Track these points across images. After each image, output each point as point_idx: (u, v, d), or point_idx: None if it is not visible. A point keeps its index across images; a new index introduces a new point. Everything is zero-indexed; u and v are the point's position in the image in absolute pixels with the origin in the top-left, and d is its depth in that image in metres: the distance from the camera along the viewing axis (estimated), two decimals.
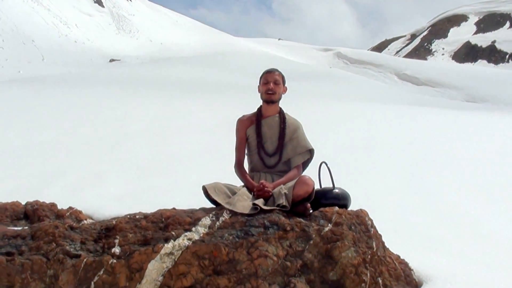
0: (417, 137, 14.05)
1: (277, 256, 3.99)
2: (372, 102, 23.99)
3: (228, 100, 19.28)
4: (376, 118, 17.28)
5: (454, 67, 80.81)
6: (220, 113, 16.29)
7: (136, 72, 32.15)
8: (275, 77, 5.16)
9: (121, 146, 12.25)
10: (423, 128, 15.69)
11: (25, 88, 24.56)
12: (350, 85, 37.16)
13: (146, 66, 38.39)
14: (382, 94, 31.76)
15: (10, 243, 4.12)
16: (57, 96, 20.78)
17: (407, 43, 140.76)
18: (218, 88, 24.72)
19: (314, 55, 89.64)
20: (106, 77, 29.17)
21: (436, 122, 17.54)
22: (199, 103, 18.98)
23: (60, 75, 28.71)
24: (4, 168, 9.99)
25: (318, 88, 28.96)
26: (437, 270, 4.70)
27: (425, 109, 22.37)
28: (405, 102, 26.65)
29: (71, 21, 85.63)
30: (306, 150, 5.17)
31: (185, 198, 6.23)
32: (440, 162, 11.24)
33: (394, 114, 18.82)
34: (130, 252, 3.95)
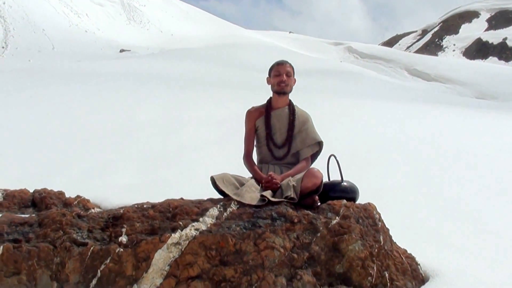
0: (426, 133, 13.99)
1: (284, 248, 3.98)
2: (383, 98, 23.93)
3: (237, 93, 19.24)
4: (386, 114, 17.23)
5: (465, 63, 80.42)
6: (229, 105, 16.28)
7: (146, 64, 32.10)
8: (287, 69, 5.16)
9: (129, 136, 12.26)
10: (433, 125, 15.63)
11: (35, 77, 24.61)
12: (360, 80, 37.06)
13: (156, 58, 38.34)
14: (393, 90, 31.66)
15: (18, 230, 4.13)
16: (66, 86, 20.81)
17: (418, 38, 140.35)
18: (228, 82, 24.69)
19: (325, 49, 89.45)
20: (116, 68, 29.15)
21: (446, 119, 17.48)
22: (207, 96, 18.95)
23: (69, 67, 28.62)
24: (13, 155, 10.02)
25: (328, 84, 28.87)
26: (443, 265, 4.69)
27: (435, 106, 22.31)
28: (416, 98, 26.55)
29: (82, 10, 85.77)
30: (315, 142, 5.17)
31: (193, 189, 6.23)
32: (449, 158, 11.21)
33: (404, 110, 18.75)
34: (137, 241, 3.96)
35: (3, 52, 51.10)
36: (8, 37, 58.22)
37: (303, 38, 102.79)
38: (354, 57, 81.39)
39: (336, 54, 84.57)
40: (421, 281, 4.46)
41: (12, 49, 53.20)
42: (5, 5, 70.36)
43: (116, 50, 62.20)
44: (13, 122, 13.11)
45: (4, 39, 57.42)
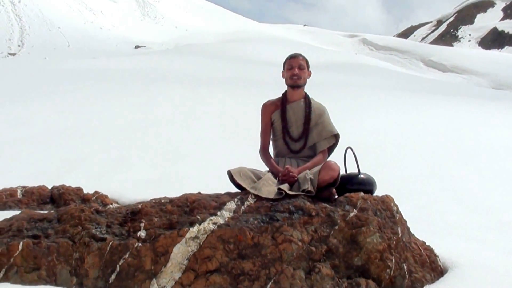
0: (443, 126, 13.94)
1: (302, 241, 3.98)
2: (398, 90, 23.85)
3: (252, 88, 19.24)
4: (403, 107, 17.18)
5: (480, 53, 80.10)
6: (243, 100, 16.29)
7: (161, 61, 32.15)
8: (300, 62, 5.14)
9: (146, 131, 12.31)
10: (450, 117, 15.57)
11: (53, 75, 24.73)
12: (375, 73, 36.93)
13: (171, 55, 38.37)
14: (409, 82, 31.51)
15: (37, 226, 4.15)
16: (82, 83, 20.90)
17: (433, 29, 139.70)
18: (242, 77, 24.67)
19: (340, 41, 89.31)
20: (132, 65, 29.23)
21: (463, 111, 17.40)
22: (222, 91, 18.98)
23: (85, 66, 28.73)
24: (31, 152, 10.09)
25: (343, 77, 28.78)
26: (462, 257, 4.68)
27: (452, 98, 22.20)
28: (432, 90, 26.43)
29: (97, 7, 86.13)
30: (332, 135, 5.15)
31: (210, 183, 6.25)
32: (465, 150, 11.17)
33: (420, 103, 18.69)
34: (156, 235, 3.97)
35: (19, 50, 51.43)
36: (24, 36, 58.58)
37: (317, 31, 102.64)
38: (369, 49, 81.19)
39: (350, 46, 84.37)
40: (440, 273, 4.44)
41: (28, 47, 53.52)
42: (20, 4, 70.81)
43: (131, 46, 62.46)
44: (30, 119, 13.18)
45: (20, 37, 57.78)
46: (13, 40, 56.36)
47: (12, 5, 69.75)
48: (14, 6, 69.70)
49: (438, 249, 4.69)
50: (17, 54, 49.18)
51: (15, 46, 53.66)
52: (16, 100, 16.24)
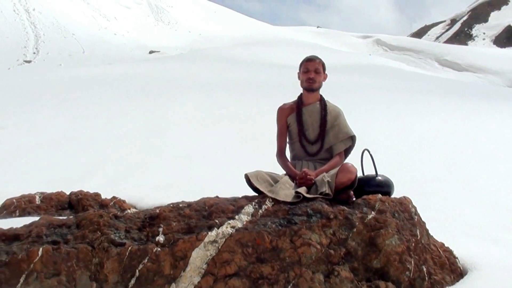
0: (459, 126, 13.88)
1: (321, 244, 3.99)
2: (413, 91, 23.78)
3: (267, 92, 19.23)
4: (418, 108, 17.11)
5: (495, 52, 79.65)
6: (260, 102, 16.29)
7: (176, 66, 32.23)
8: (316, 65, 5.14)
9: (162, 135, 12.35)
10: (466, 117, 15.50)
11: (68, 81, 24.86)
12: (390, 74, 36.84)
13: (185, 60, 38.40)
14: (423, 82, 31.39)
15: (56, 232, 4.17)
16: (98, 89, 21.00)
17: (447, 28, 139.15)
18: (257, 81, 24.65)
19: (354, 43, 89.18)
20: (147, 70, 29.32)
21: (477, 110, 17.32)
22: (238, 95, 18.99)
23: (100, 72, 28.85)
24: (49, 158, 10.16)
25: (358, 79, 28.72)
26: (482, 258, 4.66)
27: (468, 98, 22.10)
28: (447, 90, 26.33)
29: (110, 13, 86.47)
30: (348, 137, 5.14)
31: (228, 187, 6.25)
32: (482, 150, 11.11)
33: (435, 103, 18.61)
34: (174, 240, 3.98)
35: (35, 58, 51.73)
36: (39, 43, 58.94)
37: (331, 33, 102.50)
38: (383, 49, 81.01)
39: (365, 47, 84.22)
40: (460, 274, 4.43)
41: (43, 54, 53.82)
42: (35, 12, 71.27)
43: (145, 51, 62.63)
44: (47, 126, 13.27)
45: (35, 44, 58.13)
46: (28, 47, 56.70)
47: (27, 13, 70.22)
48: (29, 14, 70.17)
49: (457, 251, 4.67)
50: (32, 62, 49.49)
51: (30, 54, 53.97)
52: (33, 107, 16.35)
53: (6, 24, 63.39)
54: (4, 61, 47.99)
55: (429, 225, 4.62)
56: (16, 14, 68.66)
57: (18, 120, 14.07)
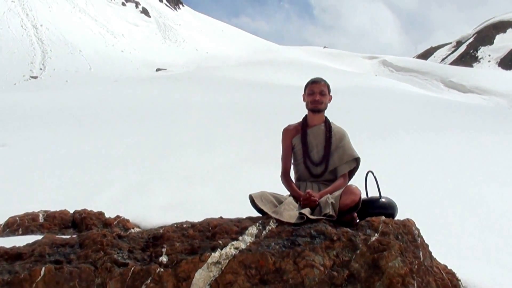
0: (465, 148, 13.87)
1: (324, 266, 3.98)
2: (419, 113, 23.81)
3: (273, 112, 19.27)
4: (423, 129, 17.12)
5: (500, 74, 79.77)
6: (265, 123, 16.31)
7: (181, 86, 32.33)
8: (321, 87, 5.17)
9: (167, 155, 12.36)
10: (472, 139, 15.49)
11: (72, 98, 24.95)
12: (396, 95, 36.91)
13: (191, 80, 38.52)
14: (429, 104, 31.41)
15: (59, 252, 4.17)
16: (103, 108, 21.06)
17: (453, 50, 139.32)
18: (262, 103, 24.70)
19: (360, 63, 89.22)
20: (152, 90, 29.41)
21: (482, 132, 17.31)
22: (243, 116, 19.03)
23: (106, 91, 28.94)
24: (52, 176, 10.16)
25: (364, 100, 28.76)
26: (484, 281, 4.65)
27: (474, 120, 22.12)
28: (452, 111, 26.35)
29: (118, 31, 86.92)
30: (353, 158, 5.16)
31: (232, 207, 6.25)
32: (489, 173, 11.09)
33: (440, 124, 18.63)
34: (178, 261, 3.97)
35: (41, 74, 51.89)
36: (46, 59, 59.14)
37: (337, 53, 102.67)
38: (389, 70, 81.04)
39: (370, 67, 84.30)
40: None
41: (49, 71, 53.99)
42: (42, 28, 71.65)
43: (152, 69, 62.82)
44: (51, 144, 13.29)
45: (42, 60, 58.32)
46: (35, 63, 56.88)
47: (35, 29, 70.58)
48: (36, 30, 70.53)
49: (460, 273, 4.65)
50: (39, 77, 49.64)
51: (37, 70, 54.14)
52: (38, 124, 16.39)
53: (13, 40, 63.68)
54: (10, 76, 48.20)
55: (432, 247, 4.61)
56: (23, 29, 69.04)
57: (22, 138, 14.10)
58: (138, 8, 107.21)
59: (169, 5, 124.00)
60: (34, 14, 76.54)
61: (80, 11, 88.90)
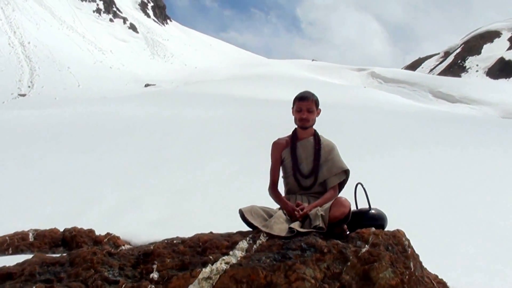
0: (455, 157, 13.93)
1: (315, 278, 3.98)
2: (408, 124, 23.91)
3: (263, 126, 19.28)
4: (412, 140, 17.18)
5: (488, 83, 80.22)
6: (255, 138, 16.32)
7: (170, 102, 32.34)
8: (309, 105, 5.18)
9: (157, 171, 12.35)
10: (462, 149, 15.55)
11: (62, 114, 24.90)
12: (385, 107, 37.05)
13: (180, 96, 38.55)
14: (417, 115, 31.56)
15: (49, 271, 4.16)
16: (93, 125, 21.04)
17: (441, 60, 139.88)
18: (253, 116, 24.73)
19: (349, 75, 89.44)
20: (141, 107, 29.39)
21: (472, 141, 17.39)
22: (232, 129, 19.06)
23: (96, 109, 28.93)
24: (42, 194, 10.13)
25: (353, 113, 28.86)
26: None
27: (463, 130, 22.24)
28: (441, 121, 26.45)
29: (106, 47, 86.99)
30: (342, 170, 5.17)
31: (222, 222, 6.25)
32: (477, 180, 11.13)
33: (430, 135, 18.69)
34: (168, 277, 3.97)
35: (30, 91, 51.75)
36: (34, 77, 59.01)
37: (326, 66, 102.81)
38: (377, 82, 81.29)
39: (359, 79, 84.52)
40: None
41: (38, 88, 53.86)
42: (30, 45, 71.55)
43: (141, 84, 62.82)
44: (41, 162, 13.26)
45: (30, 78, 58.18)
46: (23, 81, 56.73)
47: (22, 47, 70.45)
48: (24, 47, 70.40)
49: (451, 282, 4.67)
50: (27, 95, 49.51)
51: (25, 87, 53.98)
52: (28, 142, 16.35)
53: (0, 58, 63.53)
54: None
55: (423, 257, 4.62)
56: (11, 47, 68.87)
57: (11, 156, 14.06)
58: (126, 24, 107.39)
59: (157, 21, 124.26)
60: (21, 31, 76.43)
61: (68, 28, 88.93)
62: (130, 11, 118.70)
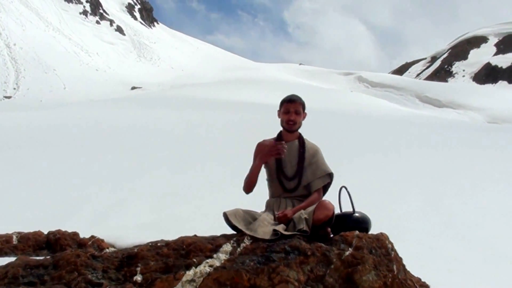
0: (439, 162, 13.99)
1: (298, 281, 3.98)
2: (394, 129, 23.99)
3: (250, 130, 19.29)
4: (397, 145, 17.25)
5: (475, 88, 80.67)
6: (241, 140, 16.32)
7: (157, 108, 32.28)
8: (296, 107, 5.20)
9: (142, 174, 12.34)
10: (446, 153, 15.62)
11: (48, 115, 24.81)
12: (372, 111, 37.16)
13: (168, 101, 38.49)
14: (404, 119, 31.69)
15: (33, 273, 4.13)
16: (78, 124, 20.98)
17: (428, 65, 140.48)
18: (238, 120, 24.73)
19: (336, 79, 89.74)
20: (126, 111, 29.32)
21: (457, 146, 17.47)
22: (218, 134, 19.06)
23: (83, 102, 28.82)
24: (27, 197, 10.09)
25: (339, 119, 28.92)
26: None
27: (447, 134, 22.33)
28: (427, 126, 26.58)
29: (92, 49, 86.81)
30: (326, 174, 5.18)
31: (206, 225, 6.25)
32: (462, 183, 11.19)
33: (415, 139, 18.78)
34: (152, 279, 3.96)
35: (15, 93, 51.60)
36: (19, 78, 58.87)
37: (313, 70, 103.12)
38: (364, 86, 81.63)
39: (346, 84, 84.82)
40: None
41: (23, 90, 53.74)
42: (16, 47, 71.33)
43: (127, 87, 62.81)
44: (26, 165, 13.21)
45: (16, 80, 58.06)
46: (8, 83, 56.57)
47: (8, 48, 70.22)
48: (10, 49, 70.17)
49: (433, 285, 4.69)
50: (12, 97, 49.33)
51: (10, 89, 53.86)
52: (13, 145, 16.27)
53: None
54: None
55: (406, 260, 4.64)
56: None
57: None
58: (112, 26, 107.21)
59: (144, 23, 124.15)
60: (7, 33, 76.16)
61: (54, 30, 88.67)
62: (117, 13, 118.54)
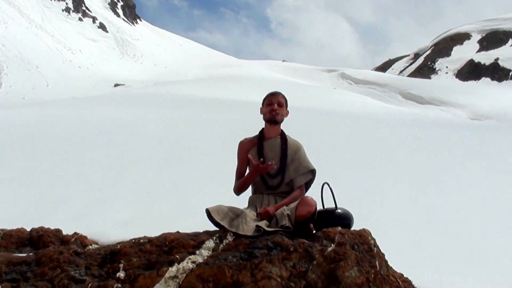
0: (420, 156, 14.06)
1: (281, 277, 4.00)
2: (377, 125, 24.07)
3: (232, 128, 19.30)
4: (379, 141, 17.30)
5: (458, 85, 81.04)
6: (224, 137, 16.33)
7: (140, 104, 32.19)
8: (279, 99, 5.23)
9: (125, 171, 12.30)
10: (429, 150, 15.69)
11: (31, 113, 24.69)
12: (354, 107, 37.27)
13: (149, 97, 38.40)
14: (386, 116, 31.80)
15: (15, 270, 4.13)
16: (61, 121, 20.89)
17: (411, 62, 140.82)
18: (221, 118, 24.73)
19: (319, 76, 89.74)
20: (109, 108, 29.22)
21: (442, 144, 17.55)
22: (202, 131, 19.05)
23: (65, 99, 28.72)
24: (9, 193, 10.03)
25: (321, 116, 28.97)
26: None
27: (431, 131, 22.43)
28: (410, 123, 26.69)
29: (75, 46, 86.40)
30: (308, 170, 5.20)
31: (189, 222, 6.26)
32: (444, 180, 11.25)
33: (399, 136, 18.85)
34: (135, 276, 3.96)
35: None
36: (2, 76, 58.47)
37: (296, 66, 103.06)
38: (347, 83, 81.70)
39: (329, 80, 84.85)
40: None
41: (6, 88, 53.38)
42: None
43: (110, 84, 62.54)
44: (8, 161, 13.13)
45: None
46: None
47: None
48: None
49: (416, 281, 4.72)
50: None
51: None
52: None
53: None
54: None
55: (388, 256, 4.67)
56: None
57: None
58: (95, 23, 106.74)
59: (127, 20, 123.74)
60: None
61: (37, 27, 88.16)
62: (100, 10, 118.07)
